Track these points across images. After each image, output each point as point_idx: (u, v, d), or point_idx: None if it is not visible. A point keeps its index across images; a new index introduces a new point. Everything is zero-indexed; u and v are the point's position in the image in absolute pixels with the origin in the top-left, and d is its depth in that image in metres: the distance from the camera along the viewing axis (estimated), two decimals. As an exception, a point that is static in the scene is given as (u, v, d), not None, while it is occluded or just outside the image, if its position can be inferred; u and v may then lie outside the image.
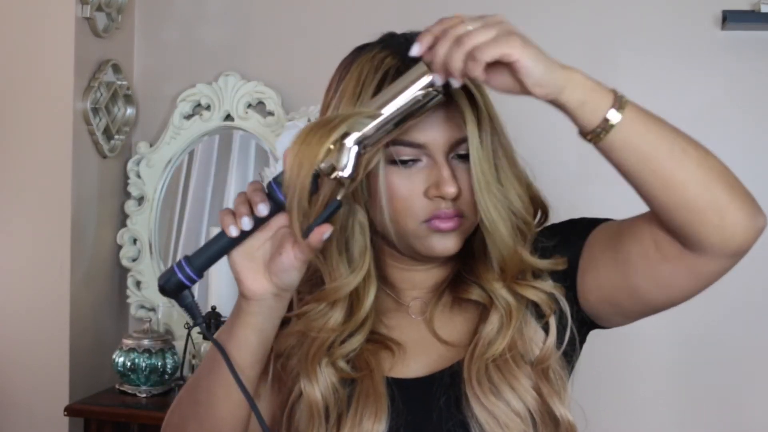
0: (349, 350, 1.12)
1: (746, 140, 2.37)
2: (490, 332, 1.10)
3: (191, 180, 2.71)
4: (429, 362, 1.14)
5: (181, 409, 1.15)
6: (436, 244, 1.09)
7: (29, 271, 2.50)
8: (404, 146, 1.07)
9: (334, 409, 1.10)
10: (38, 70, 2.47)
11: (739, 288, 2.31)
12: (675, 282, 1.03)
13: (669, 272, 1.02)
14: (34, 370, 2.49)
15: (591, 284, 1.10)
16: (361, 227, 1.10)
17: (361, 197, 1.10)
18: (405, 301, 1.18)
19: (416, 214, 1.08)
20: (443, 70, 0.95)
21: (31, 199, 2.50)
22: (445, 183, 1.06)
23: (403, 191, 1.08)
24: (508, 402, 1.07)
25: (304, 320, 1.12)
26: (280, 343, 1.14)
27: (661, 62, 2.39)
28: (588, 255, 1.10)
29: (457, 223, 1.09)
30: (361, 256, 1.11)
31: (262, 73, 2.62)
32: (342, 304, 1.11)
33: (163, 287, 1.03)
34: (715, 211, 0.96)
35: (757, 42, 2.33)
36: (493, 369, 1.08)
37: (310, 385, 1.10)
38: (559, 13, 2.44)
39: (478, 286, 1.13)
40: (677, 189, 0.96)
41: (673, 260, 1.01)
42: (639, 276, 1.05)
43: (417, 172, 1.08)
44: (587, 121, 0.96)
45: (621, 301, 1.08)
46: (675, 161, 0.96)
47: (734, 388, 2.37)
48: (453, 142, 1.08)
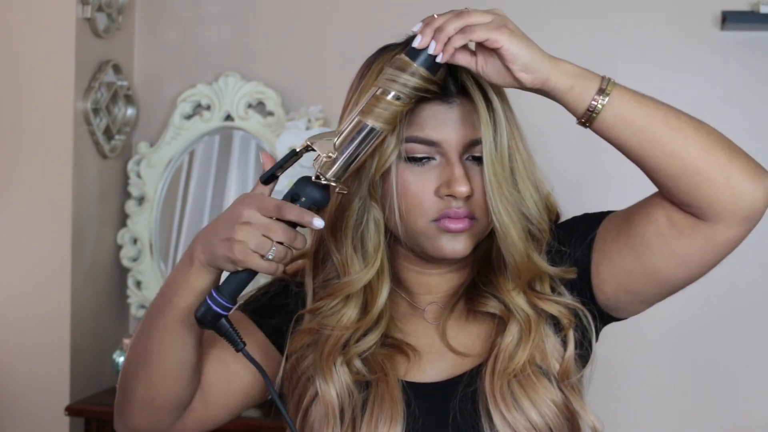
0: (363, 349, 1.11)
1: (746, 140, 2.35)
2: (510, 344, 1.10)
3: (191, 180, 2.72)
4: (445, 367, 1.13)
5: (132, 357, 1.13)
6: (445, 245, 1.09)
7: (30, 271, 2.50)
8: (418, 143, 1.08)
9: (348, 410, 1.09)
10: (39, 71, 2.47)
11: (739, 289, 2.31)
12: (693, 256, 1.04)
13: (686, 246, 1.03)
14: (35, 369, 2.49)
15: (606, 275, 1.10)
16: (375, 223, 1.10)
17: (377, 194, 1.10)
18: (421, 306, 1.17)
19: (426, 212, 1.08)
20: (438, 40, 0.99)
21: (31, 199, 2.50)
22: (456, 181, 1.06)
23: (415, 188, 1.08)
24: (528, 416, 1.07)
25: (318, 317, 1.12)
26: (294, 341, 1.14)
27: (661, 62, 2.39)
28: (600, 247, 1.10)
29: (468, 224, 1.08)
30: (375, 252, 1.10)
31: (262, 73, 2.63)
32: (356, 301, 1.11)
33: (201, 320, 1.04)
34: (719, 172, 0.98)
35: (756, 42, 2.33)
36: (516, 384, 1.08)
37: (325, 384, 1.09)
38: (559, 13, 2.44)
39: (494, 297, 1.13)
40: (679, 155, 0.99)
41: (689, 233, 1.02)
42: (656, 256, 1.05)
43: (429, 171, 1.08)
44: (578, 105, 1.00)
45: (639, 287, 1.09)
46: (671, 128, 0.99)
47: (733, 387, 2.37)
48: (467, 142, 1.08)
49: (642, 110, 1.00)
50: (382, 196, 1.10)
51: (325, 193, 1.02)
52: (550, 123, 2.52)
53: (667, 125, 0.99)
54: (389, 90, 1.01)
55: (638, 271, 1.07)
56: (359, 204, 1.10)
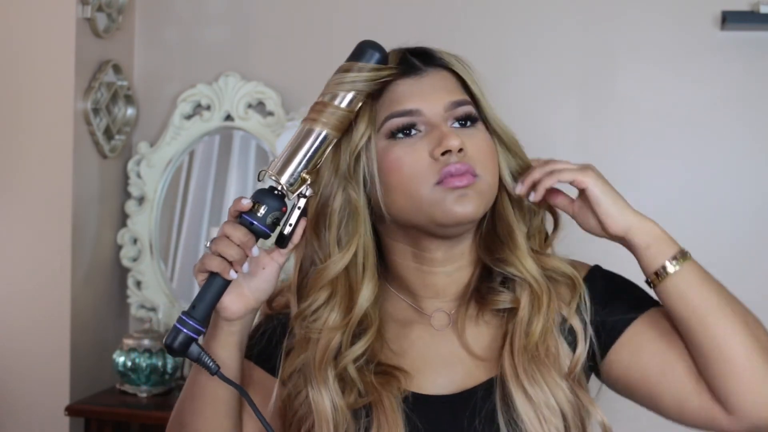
0: (355, 355, 1.10)
1: (746, 140, 2.37)
2: (524, 318, 1.10)
3: (191, 180, 2.72)
4: (455, 378, 1.12)
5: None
6: (454, 206, 1.06)
7: (30, 271, 2.50)
8: (397, 117, 1.09)
9: (341, 427, 1.08)
10: (39, 71, 2.48)
11: (739, 292, 2.31)
12: (691, 420, 1.09)
13: (692, 412, 1.08)
14: (35, 369, 2.49)
15: (618, 370, 1.13)
16: (353, 212, 1.10)
17: (361, 183, 1.10)
18: (427, 311, 1.15)
19: (426, 178, 1.07)
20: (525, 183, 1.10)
21: (31, 199, 2.50)
22: (446, 137, 1.06)
23: (408, 159, 1.07)
24: (551, 393, 1.08)
25: (305, 323, 1.11)
26: (284, 369, 1.13)
27: (661, 63, 2.39)
28: (630, 343, 1.12)
29: (472, 179, 1.07)
30: (351, 237, 1.10)
31: (262, 73, 2.63)
32: (338, 300, 1.10)
33: (171, 346, 1.04)
34: (750, 372, 1.03)
35: (756, 42, 2.33)
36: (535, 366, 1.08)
37: (318, 393, 1.08)
38: (559, 13, 2.44)
39: (503, 286, 1.12)
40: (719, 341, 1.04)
41: (700, 407, 1.07)
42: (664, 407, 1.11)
43: (418, 140, 1.08)
44: (650, 263, 1.07)
45: (637, 399, 1.13)
46: (723, 315, 1.05)
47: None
48: (446, 104, 1.09)
49: (703, 290, 1.06)
50: (371, 185, 1.10)
51: (280, 201, 1.06)
52: (550, 124, 2.52)
53: (720, 311, 1.06)
54: (337, 94, 1.07)
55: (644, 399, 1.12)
56: (341, 197, 1.10)
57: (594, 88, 2.43)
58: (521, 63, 2.45)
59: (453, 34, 2.40)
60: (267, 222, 1.05)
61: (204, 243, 2.77)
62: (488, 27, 2.44)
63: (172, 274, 2.72)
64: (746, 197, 2.36)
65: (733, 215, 2.35)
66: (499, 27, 2.47)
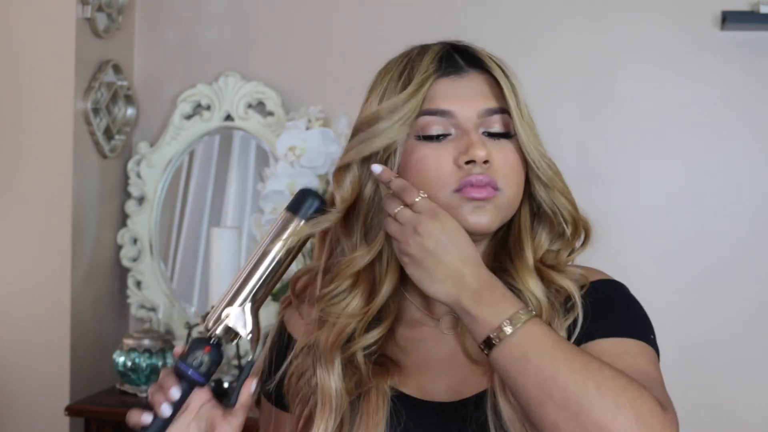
0: (367, 343, 1.10)
1: (746, 140, 2.37)
2: None
3: (191, 180, 2.72)
4: (452, 382, 1.11)
5: None
6: (469, 216, 1.05)
7: (30, 271, 2.50)
8: (430, 115, 1.08)
9: (339, 411, 1.09)
10: (39, 71, 2.48)
11: (738, 292, 2.31)
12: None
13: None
14: (35, 369, 2.49)
15: None
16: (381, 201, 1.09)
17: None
18: (437, 315, 1.14)
19: (446, 183, 1.06)
20: None
21: (31, 199, 2.50)
22: (473, 146, 1.05)
23: (432, 161, 1.06)
24: None
25: (322, 304, 1.10)
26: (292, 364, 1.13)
27: (661, 62, 2.39)
28: None
29: (491, 193, 1.06)
30: (378, 231, 1.09)
31: (262, 73, 2.63)
32: (361, 290, 1.09)
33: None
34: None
35: (757, 42, 2.33)
36: None
37: (326, 373, 1.08)
38: (559, 13, 2.44)
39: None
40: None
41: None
42: None
43: (446, 144, 1.07)
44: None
45: None
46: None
47: (731, 392, 2.37)
48: (481, 110, 1.08)
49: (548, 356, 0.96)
50: None
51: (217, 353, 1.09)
52: (550, 124, 2.52)
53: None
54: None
55: None
56: (371, 190, 1.09)
57: (594, 88, 2.43)
58: (521, 63, 2.43)
59: (453, 34, 2.40)
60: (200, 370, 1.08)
61: (203, 243, 2.79)
62: (488, 27, 2.44)
63: (172, 274, 2.72)
64: (746, 197, 2.36)
65: (733, 215, 2.34)
66: (499, 27, 2.47)
